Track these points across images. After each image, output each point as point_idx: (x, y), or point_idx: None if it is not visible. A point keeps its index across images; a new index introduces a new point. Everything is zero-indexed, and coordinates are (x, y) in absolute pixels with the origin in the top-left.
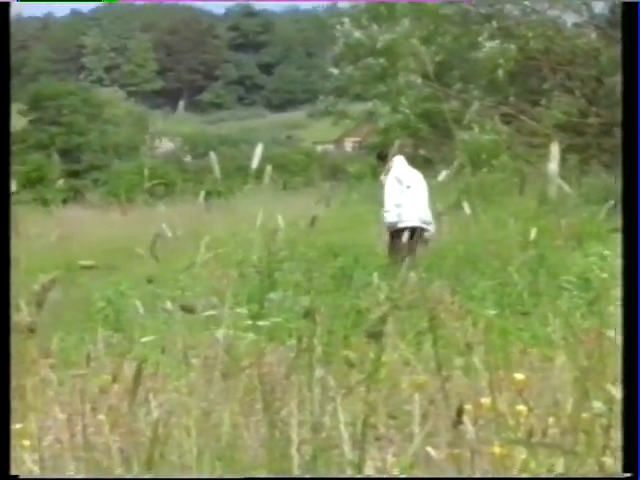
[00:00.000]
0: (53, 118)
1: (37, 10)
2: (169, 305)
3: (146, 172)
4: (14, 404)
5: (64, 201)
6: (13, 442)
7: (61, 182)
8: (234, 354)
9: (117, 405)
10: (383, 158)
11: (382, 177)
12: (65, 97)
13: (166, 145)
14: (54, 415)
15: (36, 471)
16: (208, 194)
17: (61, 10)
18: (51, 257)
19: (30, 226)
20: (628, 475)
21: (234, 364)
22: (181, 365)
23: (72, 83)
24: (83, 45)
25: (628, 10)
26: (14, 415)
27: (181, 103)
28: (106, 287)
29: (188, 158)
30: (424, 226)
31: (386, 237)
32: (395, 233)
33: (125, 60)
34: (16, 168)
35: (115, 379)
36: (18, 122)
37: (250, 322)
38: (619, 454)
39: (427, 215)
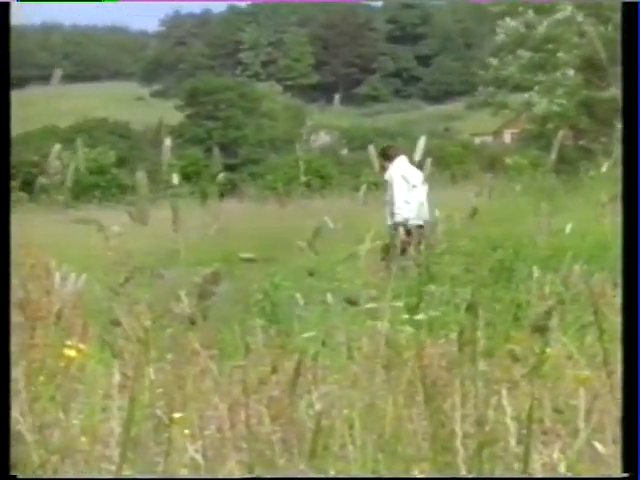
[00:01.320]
0: (210, 113)
1: (196, 7)
2: (329, 298)
3: (302, 165)
4: (174, 394)
5: (221, 194)
6: (174, 430)
7: (221, 176)
8: (395, 347)
9: (277, 396)
10: (387, 157)
11: (387, 176)
12: (222, 92)
13: (323, 138)
14: (215, 405)
15: (198, 460)
16: (365, 187)
17: (218, 6)
18: (210, 250)
19: (188, 219)
20: (628, 475)
21: (395, 357)
22: (341, 357)
23: (229, 78)
24: (240, 40)
25: (628, 10)
26: (174, 404)
27: (337, 96)
28: (263, 279)
29: (344, 151)
30: (421, 224)
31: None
32: (397, 228)
33: (282, 54)
34: (173, 162)
35: (274, 370)
36: (175, 117)
37: (408, 315)
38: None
39: (426, 214)
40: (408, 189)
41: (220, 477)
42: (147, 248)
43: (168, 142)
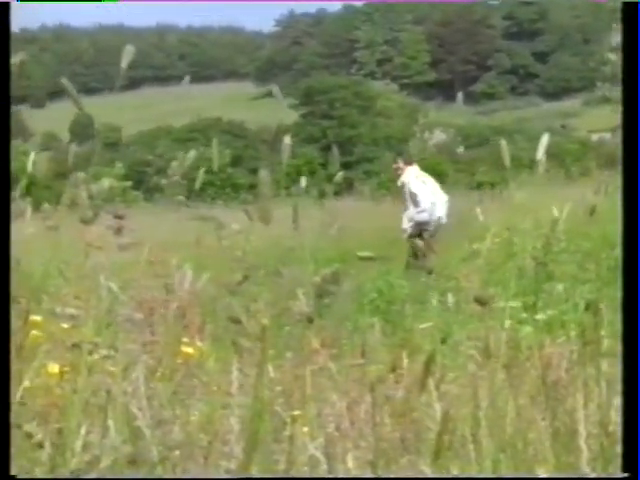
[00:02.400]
0: (325, 112)
1: (311, 7)
2: (450, 297)
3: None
4: (292, 392)
5: (336, 193)
6: (293, 427)
7: (340, 175)
8: (515, 346)
9: (395, 395)
10: (405, 161)
11: (401, 182)
12: (337, 91)
13: (438, 136)
14: (333, 403)
15: (317, 456)
16: (480, 185)
17: (333, 5)
18: (326, 248)
19: (304, 218)
20: (628, 475)
21: (516, 356)
22: (461, 356)
23: (344, 77)
24: (355, 39)
25: (628, 10)
26: (292, 402)
27: (459, 94)
28: (378, 278)
29: (460, 149)
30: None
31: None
32: (421, 231)
33: (397, 53)
34: (288, 161)
35: (393, 369)
36: (290, 116)
37: (526, 314)
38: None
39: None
40: (431, 192)
41: (221, 477)
42: (264, 246)
43: (288, 140)
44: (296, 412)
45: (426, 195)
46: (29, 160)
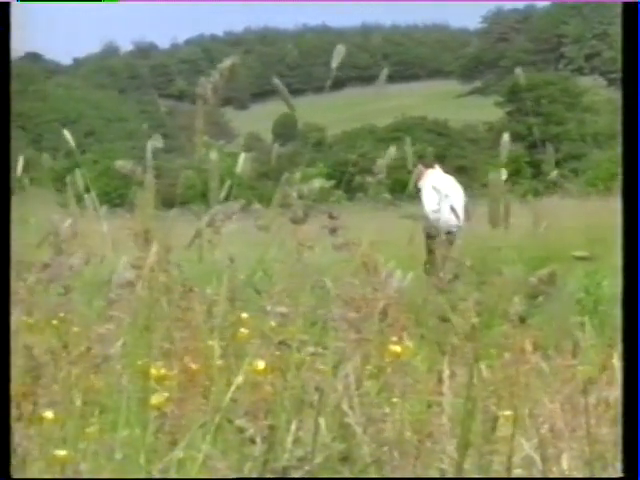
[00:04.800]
0: (531, 109)
1: (519, 3)
2: None
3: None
4: (504, 392)
5: (547, 190)
6: (506, 428)
7: (554, 174)
8: None
9: (607, 396)
10: (424, 165)
11: (418, 186)
12: (543, 87)
13: None
14: (544, 404)
15: (532, 457)
16: None
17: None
18: (533, 247)
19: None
20: (627, 475)
21: None
22: None
23: (551, 73)
24: (563, 34)
25: (628, 10)
26: (502, 402)
27: None
28: (584, 277)
29: None
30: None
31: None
32: (430, 236)
33: (606, 47)
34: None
35: (603, 369)
36: (495, 114)
37: None
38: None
39: (455, 221)
40: (440, 199)
41: (222, 477)
42: (469, 245)
43: (507, 137)
44: (507, 412)
45: (430, 202)
46: (239, 161)
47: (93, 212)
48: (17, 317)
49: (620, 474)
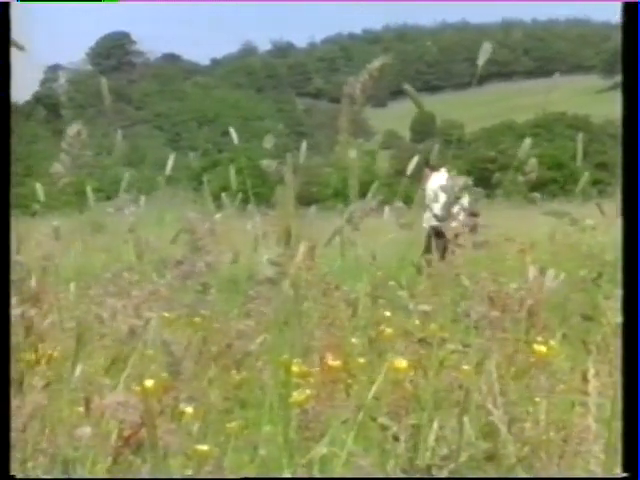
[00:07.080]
0: None
1: None
2: None
3: None
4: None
5: None
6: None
7: None
8: None
9: None
10: (432, 167)
11: (427, 185)
12: None
13: None
14: None
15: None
16: None
17: None
18: None
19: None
20: (628, 475)
21: None
22: None
23: None
24: None
25: (628, 10)
26: None
27: None
28: None
29: None
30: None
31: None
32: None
33: None
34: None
35: None
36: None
37: None
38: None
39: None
40: (445, 199)
41: (222, 477)
42: (615, 242)
43: None
44: None
45: (431, 204)
46: (378, 159)
47: (230, 210)
48: (157, 313)
49: None
